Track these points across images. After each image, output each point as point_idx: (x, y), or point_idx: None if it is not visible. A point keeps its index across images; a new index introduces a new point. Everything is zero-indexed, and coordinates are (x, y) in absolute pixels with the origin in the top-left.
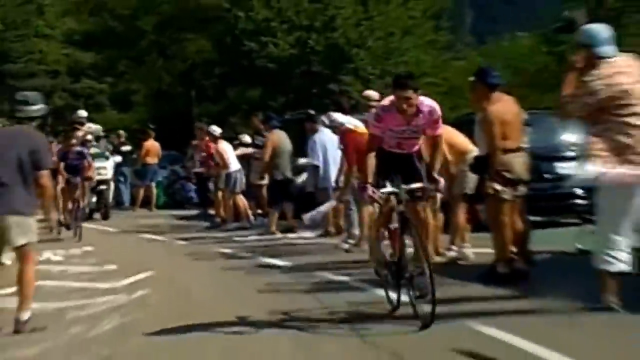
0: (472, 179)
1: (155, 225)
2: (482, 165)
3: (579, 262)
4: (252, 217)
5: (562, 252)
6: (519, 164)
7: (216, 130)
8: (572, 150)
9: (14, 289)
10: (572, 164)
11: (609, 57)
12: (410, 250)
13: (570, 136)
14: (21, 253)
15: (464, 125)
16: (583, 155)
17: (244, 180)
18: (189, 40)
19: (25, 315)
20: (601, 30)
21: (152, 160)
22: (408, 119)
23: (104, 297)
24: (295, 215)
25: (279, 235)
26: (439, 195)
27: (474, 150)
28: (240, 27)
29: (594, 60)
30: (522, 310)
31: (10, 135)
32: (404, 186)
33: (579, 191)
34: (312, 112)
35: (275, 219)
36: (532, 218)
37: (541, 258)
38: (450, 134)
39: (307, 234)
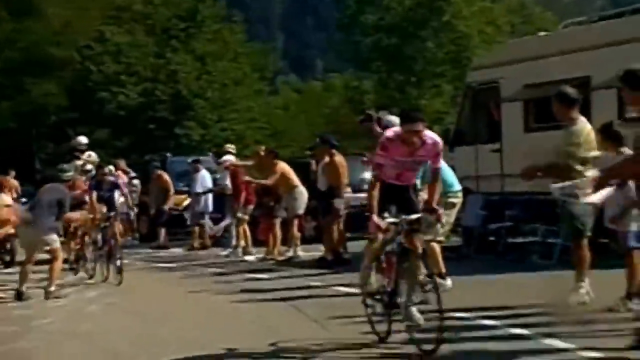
0: (302, 203)
1: None
2: (329, 195)
3: None
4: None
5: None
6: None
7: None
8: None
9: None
10: None
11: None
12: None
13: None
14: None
15: (299, 165)
16: None
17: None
18: (35, 85)
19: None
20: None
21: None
22: (412, 151)
23: None
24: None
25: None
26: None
27: (299, 185)
28: (92, 78)
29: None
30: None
31: None
32: (404, 217)
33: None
34: (198, 158)
35: (163, 237)
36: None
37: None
38: (286, 168)
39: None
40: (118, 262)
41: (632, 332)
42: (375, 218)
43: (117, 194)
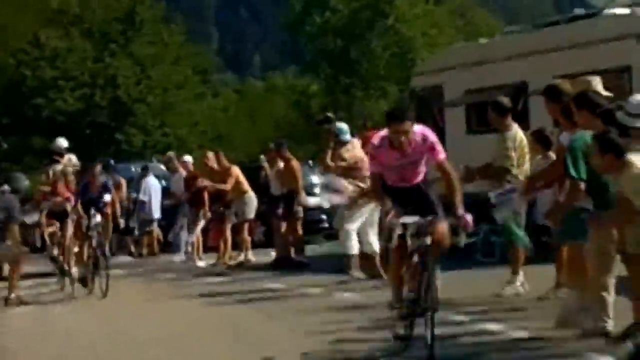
0: (253, 208)
1: None
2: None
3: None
4: None
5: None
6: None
7: None
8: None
9: None
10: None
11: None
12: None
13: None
14: None
15: (247, 170)
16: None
17: None
18: None
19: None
20: (344, 127)
21: None
22: (402, 154)
23: None
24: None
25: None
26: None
27: (249, 190)
28: (27, 84)
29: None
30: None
31: None
32: (421, 219)
33: (324, 216)
34: (146, 165)
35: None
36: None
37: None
38: (239, 173)
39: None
40: (104, 274)
41: (556, 315)
42: (390, 214)
43: (107, 197)
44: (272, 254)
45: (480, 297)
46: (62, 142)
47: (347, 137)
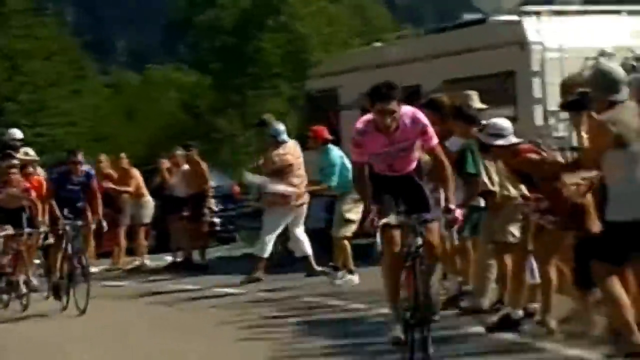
0: (150, 211)
1: None
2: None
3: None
4: None
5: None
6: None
7: None
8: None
9: None
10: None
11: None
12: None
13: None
14: None
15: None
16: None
17: None
18: None
19: None
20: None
21: None
22: (391, 139)
23: None
24: None
25: None
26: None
27: (147, 194)
28: None
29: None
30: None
31: None
32: (414, 216)
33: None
34: None
35: None
36: None
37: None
38: (138, 175)
39: None
40: (83, 286)
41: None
42: (370, 217)
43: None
44: (167, 258)
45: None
46: (16, 133)
47: (283, 137)
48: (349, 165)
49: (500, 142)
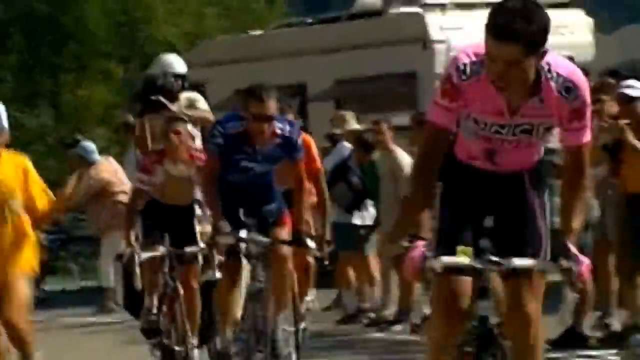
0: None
1: None
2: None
3: None
4: None
5: None
6: None
7: None
8: None
9: None
10: None
11: None
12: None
13: None
14: None
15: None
16: None
17: None
18: None
19: None
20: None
21: None
22: (513, 104)
23: None
24: None
25: None
26: None
27: None
28: None
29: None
30: None
31: None
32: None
33: None
34: None
35: None
36: None
37: None
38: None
39: None
40: None
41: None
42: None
43: None
44: None
45: None
46: (175, 63)
47: (94, 157)
48: None
49: None
